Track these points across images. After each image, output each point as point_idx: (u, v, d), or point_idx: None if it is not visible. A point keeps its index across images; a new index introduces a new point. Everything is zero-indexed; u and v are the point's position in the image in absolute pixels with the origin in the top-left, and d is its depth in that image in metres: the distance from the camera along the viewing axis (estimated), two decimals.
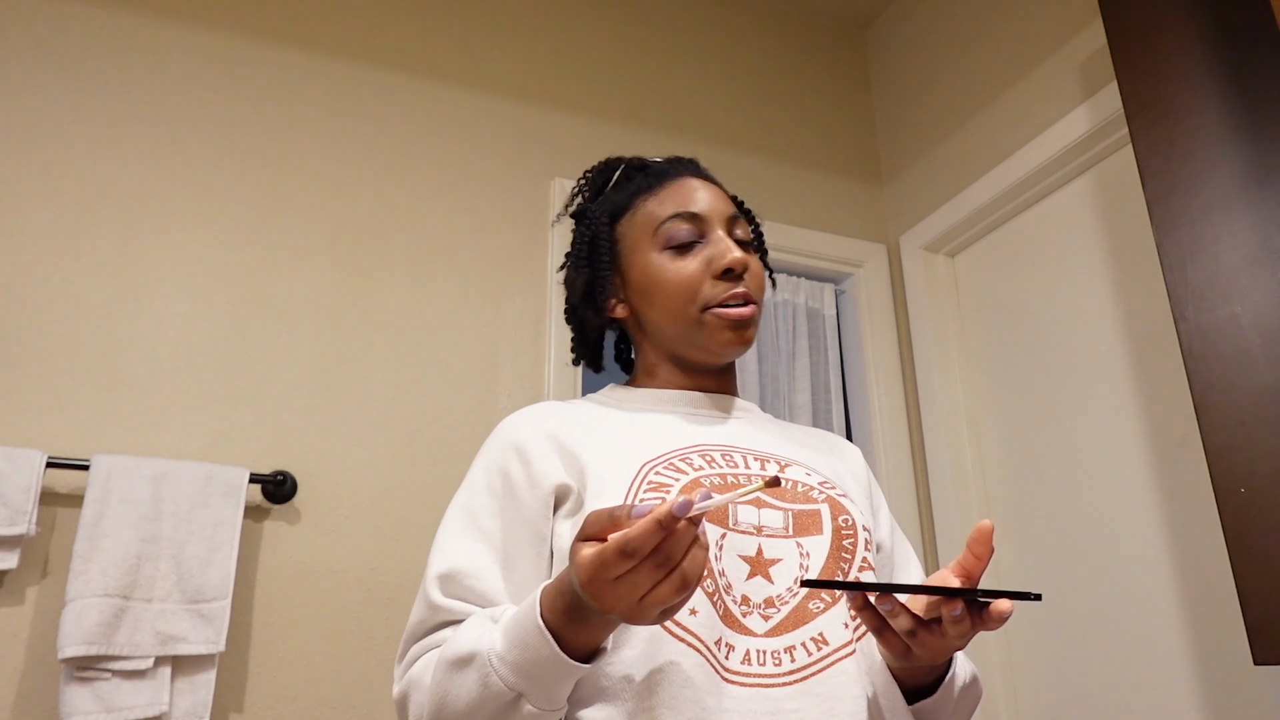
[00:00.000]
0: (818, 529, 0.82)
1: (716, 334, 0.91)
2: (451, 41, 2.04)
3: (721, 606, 0.76)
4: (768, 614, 0.77)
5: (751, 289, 0.92)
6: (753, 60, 2.40)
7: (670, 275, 0.92)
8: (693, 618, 0.74)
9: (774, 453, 0.91)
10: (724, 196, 0.97)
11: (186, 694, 1.38)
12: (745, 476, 0.84)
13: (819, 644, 0.76)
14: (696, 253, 0.92)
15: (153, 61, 1.75)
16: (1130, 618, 1.64)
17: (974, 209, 2.06)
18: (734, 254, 0.90)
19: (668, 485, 0.80)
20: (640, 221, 0.95)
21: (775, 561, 0.79)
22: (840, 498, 0.87)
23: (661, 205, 0.94)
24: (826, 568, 0.80)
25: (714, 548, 0.77)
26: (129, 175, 1.67)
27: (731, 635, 0.75)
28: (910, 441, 2.16)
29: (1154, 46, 1.44)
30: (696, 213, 0.93)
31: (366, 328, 1.75)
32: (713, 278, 0.91)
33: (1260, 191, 1.26)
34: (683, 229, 0.92)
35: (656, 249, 0.93)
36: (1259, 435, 1.20)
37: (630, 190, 0.98)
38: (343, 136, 1.86)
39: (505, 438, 0.89)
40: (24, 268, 1.55)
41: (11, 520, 1.35)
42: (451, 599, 0.79)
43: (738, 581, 0.77)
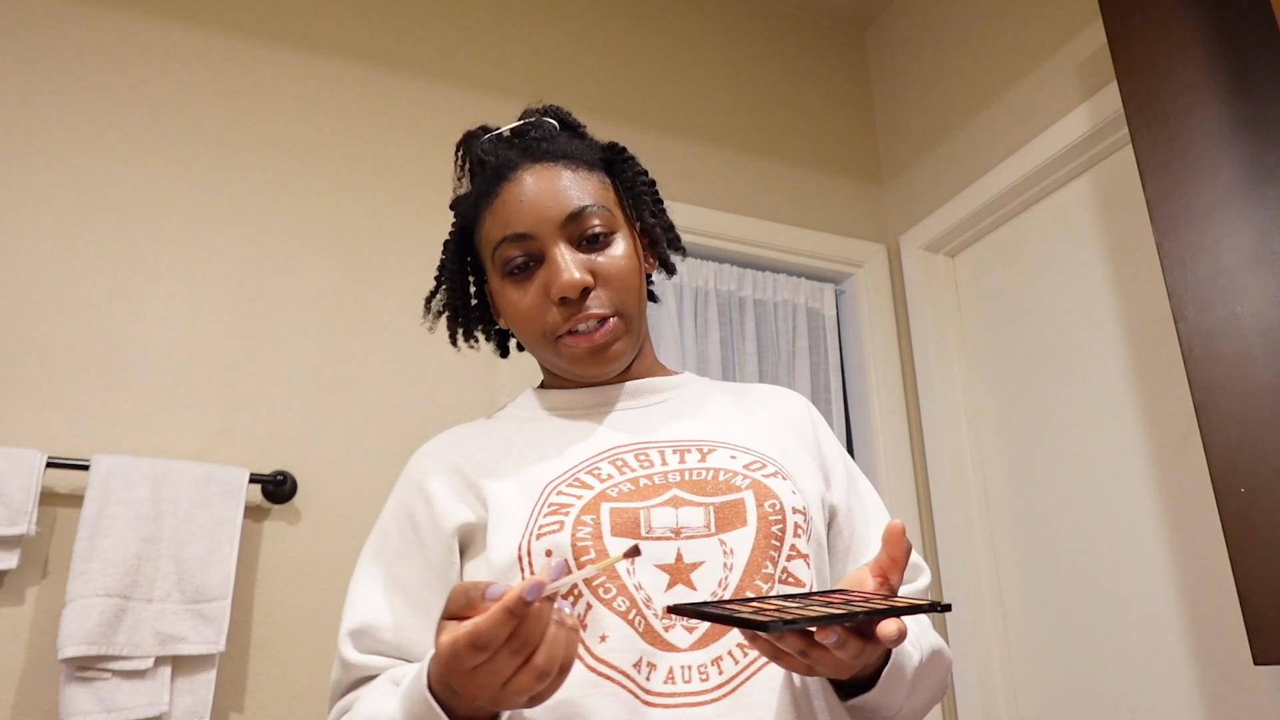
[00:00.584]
0: (742, 520, 0.76)
1: (575, 362, 0.84)
2: (452, 41, 2.04)
3: (642, 624, 0.71)
4: (692, 624, 0.72)
5: (607, 299, 0.83)
6: (753, 60, 2.40)
7: (513, 309, 0.84)
8: (603, 644, 0.70)
9: (696, 438, 0.84)
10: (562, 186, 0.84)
11: (186, 694, 1.38)
12: (660, 475, 0.79)
13: (745, 650, 0.72)
14: (535, 276, 0.83)
15: (152, 61, 1.75)
16: (1130, 617, 1.64)
17: (974, 209, 2.06)
18: (565, 276, 0.80)
19: (569, 505, 0.76)
20: (484, 240, 0.86)
21: (697, 565, 0.74)
22: (768, 478, 0.80)
23: (495, 221, 0.84)
24: (752, 562, 0.75)
25: (625, 561, 0.72)
26: (129, 175, 1.67)
27: (654, 653, 0.70)
28: (910, 441, 2.16)
29: (1154, 46, 1.44)
30: (523, 232, 0.82)
31: (366, 328, 1.75)
32: (554, 304, 0.82)
33: (1260, 191, 1.26)
34: (515, 255, 0.83)
35: (499, 275, 0.85)
36: (1259, 435, 1.20)
37: (475, 194, 0.88)
38: (343, 137, 1.86)
39: (409, 477, 0.86)
40: (24, 268, 1.55)
41: (11, 520, 1.35)
42: (365, 654, 0.77)
43: (657, 593, 0.72)
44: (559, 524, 0.74)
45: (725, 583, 0.73)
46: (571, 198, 0.83)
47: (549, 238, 0.82)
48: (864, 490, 0.92)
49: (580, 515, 0.74)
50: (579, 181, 0.85)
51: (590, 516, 0.74)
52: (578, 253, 0.83)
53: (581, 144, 0.90)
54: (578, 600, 0.72)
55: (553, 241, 0.82)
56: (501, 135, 0.91)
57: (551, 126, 0.91)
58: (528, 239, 0.82)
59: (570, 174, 0.85)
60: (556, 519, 0.74)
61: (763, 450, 0.84)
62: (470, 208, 0.89)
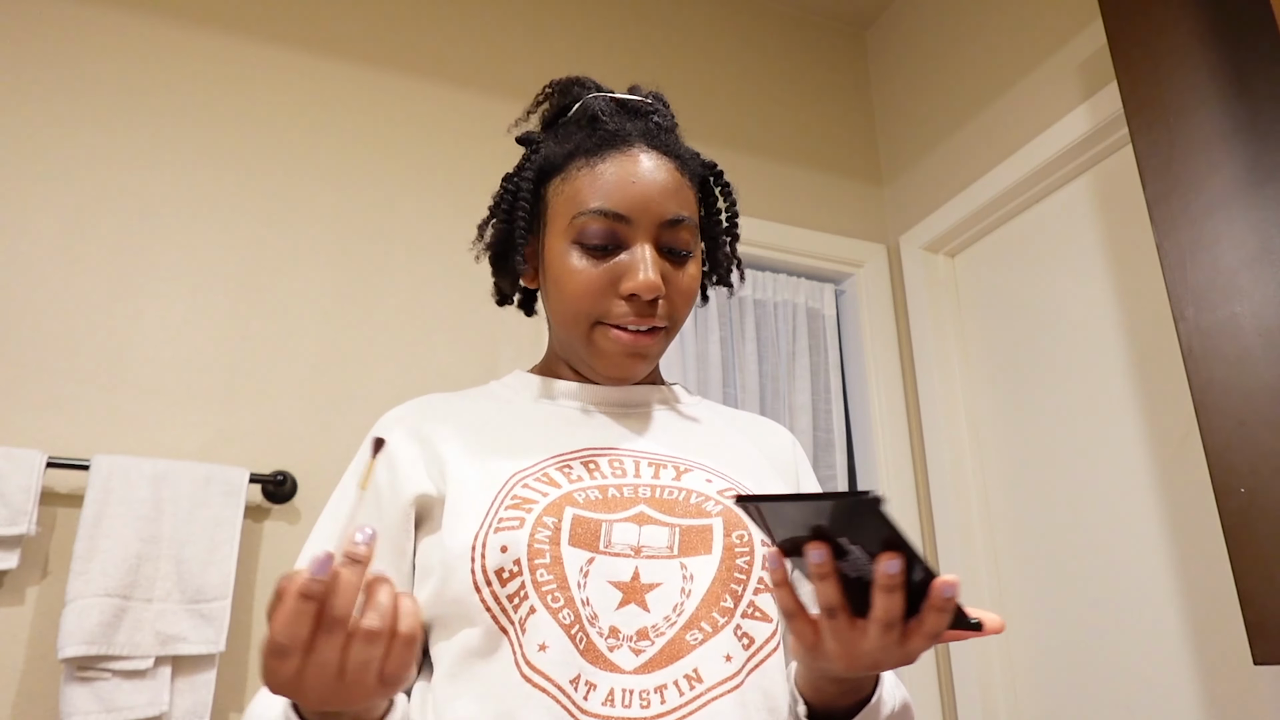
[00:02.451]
0: (706, 548, 0.72)
1: (603, 356, 0.80)
2: (452, 42, 2.04)
3: (583, 640, 0.67)
4: (640, 647, 0.68)
5: (666, 312, 0.80)
6: (753, 60, 2.40)
7: (570, 277, 0.79)
8: (542, 654, 0.66)
9: (675, 455, 0.81)
10: (672, 187, 0.80)
11: (187, 694, 1.38)
12: (630, 488, 0.75)
13: (692, 681, 0.67)
14: (610, 259, 0.78)
15: (153, 62, 1.75)
16: (1130, 617, 1.64)
17: (974, 209, 2.06)
18: (645, 277, 0.76)
19: (532, 502, 0.72)
20: (566, 196, 0.81)
21: (653, 587, 0.70)
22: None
23: (591, 186, 0.79)
24: (711, 593, 0.71)
25: (577, 574, 0.69)
26: (129, 176, 1.67)
27: (594, 672, 0.67)
28: (910, 441, 2.16)
29: (1154, 46, 1.44)
30: (622, 214, 0.78)
31: (366, 328, 1.75)
32: (620, 296, 0.78)
33: (1260, 191, 1.26)
34: (598, 229, 0.78)
35: (569, 238, 0.80)
36: (1259, 435, 1.20)
37: (571, 146, 0.82)
38: (343, 137, 1.86)
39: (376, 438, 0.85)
40: (24, 268, 1.55)
41: (11, 520, 1.35)
42: None
43: (606, 611, 0.68)
44: (519, 521, 0.71)
45: (681, 608, 0.70)
46: (677, 203, 0.80)
47: (643, 231, 0.78)
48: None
49: (542, 515, 0.71)
50: (683, 190, 0.81)
51: (552, 519, 0.71)
52: (660, 258, 0.80)
53: (689, 150, 0.86)
54: (522, 603, 0.68)
55: (645, 236, 0.78)
56: (625, 101, 0.85)
57: (672, 117, 0.87)
58: (623, 221, 0.78)
59: (680, 178, 0.81)
60: (517, 515, 0.71)
61: (739, 479, 0.82)
62: (562, 155, 0.82)
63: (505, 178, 0.87)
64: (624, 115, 0.83)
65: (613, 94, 0.86)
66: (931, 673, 1.97)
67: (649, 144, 0.81)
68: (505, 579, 0.69)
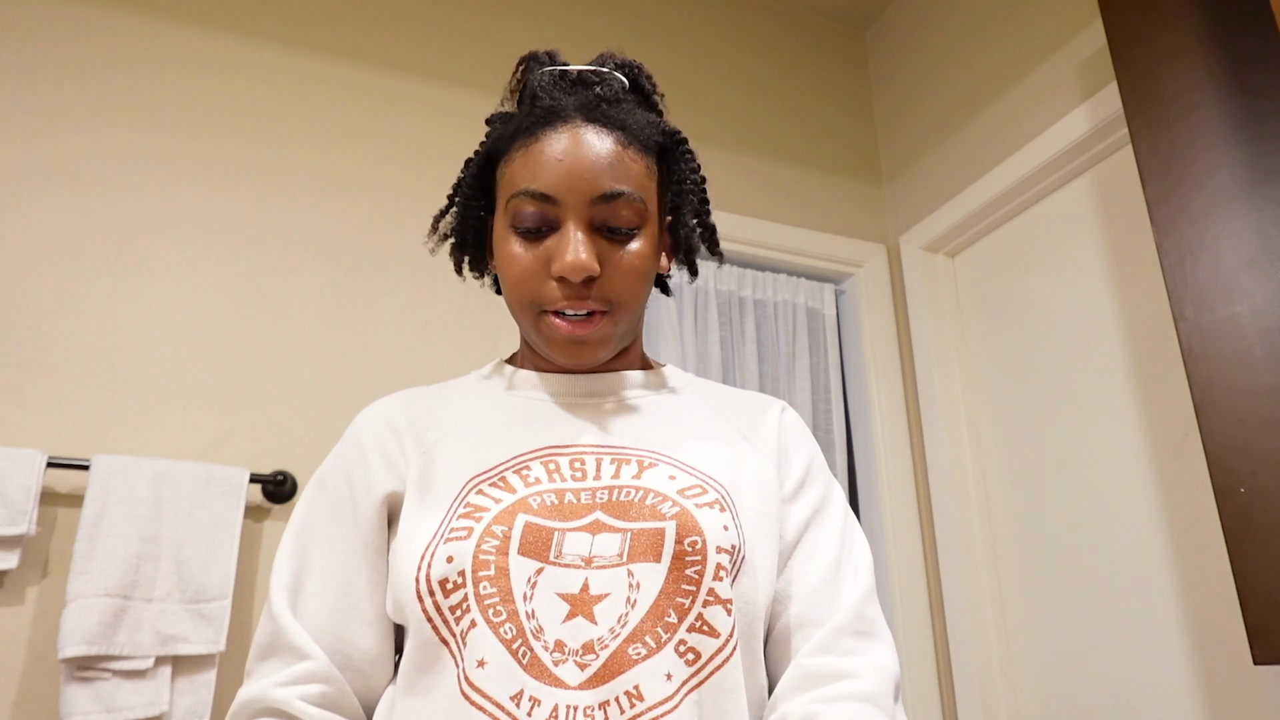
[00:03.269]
0: (655, 555, 0.68)
1: (550, 344, 0.78)
2: (452, 41, 2.04)
3: (526, 654, 0.64)
4: (585, 661, 0.65)
5: (606, 295, 0.76)
6: (753, 60, 2.40)
7: (508, 263, 0.77)
8: (481, 670, 0.64)
9: (642, 447, 0.78)
10: (606, 160, 0.75)
11: (187, 694, 1.38)
12: (589, 492, 0.72)
13: (633, 699, 0.64)
14: (543, 241, 0.76)
15: (153, 61, 1.75)
16: (1130, 617, 1.64)
17: (974, 209, 2.06)
18: (571, 258, 0.73)
19: (483, 510, 0.70)
20: (505, 179, 0.78)
21: (601, 598, 0.66)
22: (701, 508, 0.72)
23: (524, 166, 0.76)
24: (656, 606, 0.66)
25: (524, 585, 0.66)
26: (129, 175, 1.67)
27: (538, 688, 0.63)
28: (910, 441, 2.16)
29: (1154, 46, 1.44)
30: (547, 194, 0.74)
31: (366, 328, 1.76)
32: (552, 278, 0.75)
33: (1260, 191, 1.26)
34: (529, 211, 0.75)
35: (506, 223, 0.78)
36: (1259, 435, 1.20)
37: (514, 126, 0.79)
38: (343, 137, 1.86)
39: (353, 434, 0.82)
40: (24, 268, 1.55)
41: (11, 520, 1.35)
42: (298, 619, 0.74)
43: (552, 624, 0.65)
44: (466, 530, 0.69)
45: (625, 620, 0.66)
46: (610, 178, 0.75)
47: (571, 210, 0.74)
48: (822, 523, 0.80)
49: (491, 524, 0.69)
50: (624, 162, 0.76)
51: (501, 528, 0.69)
52: (595, 236, 0.76)
53: (643, 119, 0.80)
54: (464, 615, 0.66)
55: (574, 215, 0.74)
56: (565, 74, 0.81)
57: (619, 86, 0.81)
58: (549, 202, 0.74)
59: (619, 150, 0.76)
60: (466, 525, 0.69)
61: (708, 472, 0.77)
62: (504, 137, 0.80)
63: (465, 162, 0.85)
64: (563, 89, 0.79)
65: (563, 66, 0.82)
66: (931, 673, 1.97)
67: (586, 117, 0.77)
68: (449, 590, 0.67)
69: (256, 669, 0.73)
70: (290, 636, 0.72)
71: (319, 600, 0.75)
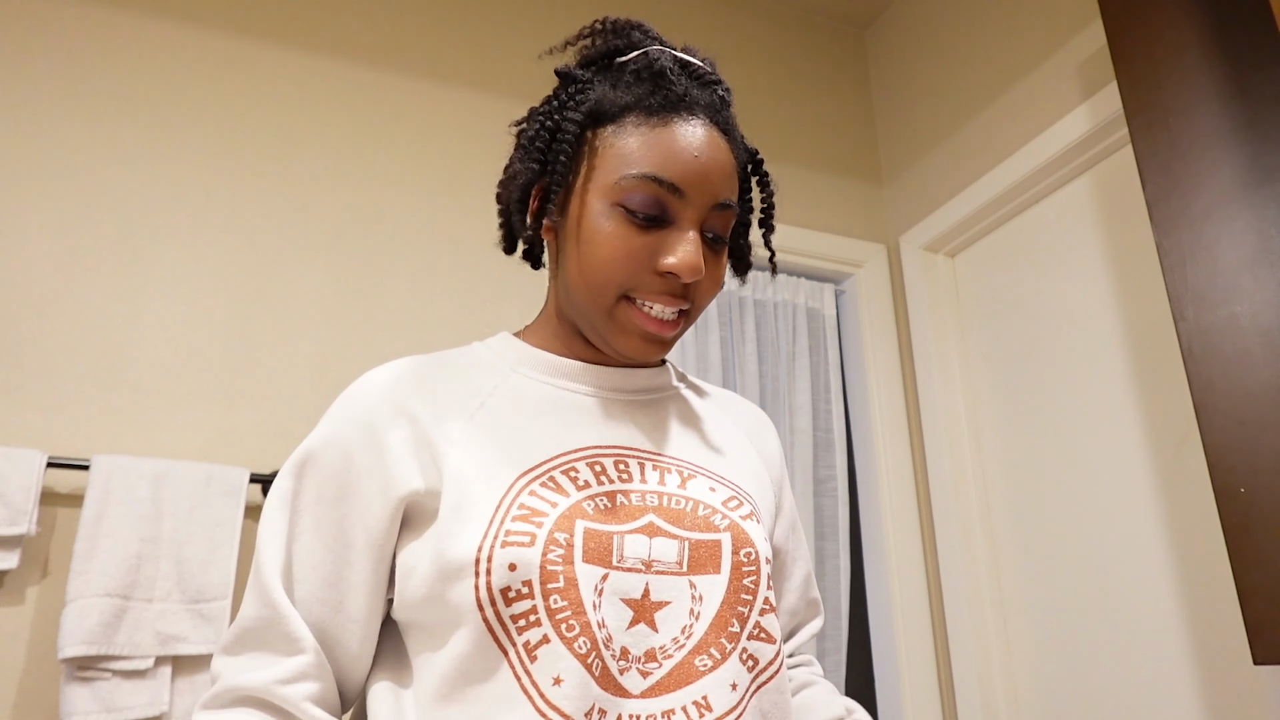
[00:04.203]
0: (715, 566, 0.69)
1: (623, 335, 0.74)
2: (451, 41, 2.04)
3: (599, 666, 0.63)
4: (647, 669, 0.65)
5: (695, 297, 0.75)
6: (753, 60, 2.40)
7: (605, 240, 0.72)
8: (557, 688, 0.62)
9: (679, 457, 0.77)
10: (729, 169, 0.74)
11: (187, 694, 1.38)
12: (639, 495, 0.71)
13: (701, 709, 0.64)
14: (652, 230, 0.72)
15: (153, 61, 1.75)
16: (1130, 617, 1.64)
17: (974, 209, 2.06)
18: (687, 259, 0.71)
19: (542, 515, 0.67)
20: (616, 151, 0.73)
21: (662, 605, 0.67)
22: (744, 520, 0.73)
23: (648, 147, 0.72)
24: (720, 616, 0.68)
25: (592, 594, 0.64)
26: (129, 175, 1.67)
27: (606, 699, 0.63)
28: (910, 441, 2.16)
29: (1154, 46, 1.44)
30: (678, 186, 0.71)
31: (366, 328, 1.76)
32: (652, 271, 0.72)
33: (1260, 191, 1.26)
34: (648, 197, 0.71)
35: (611, 199, 0.72)
36: (1259, 435, 1.20)
37: (630, 98, 0.74)
38: (343, 137, 1.86)
39: (359, 411, 0.73)
40: (24, 268, 1.55)
41: (12, 520, 1.35)
42: (292, 602, 0.70)
43: (619, 632, 0.65)
44: (529, 537, 0.65)
45: (690, 631, 0.66)
46: (729, 188, 0.74)
47: (695, 210, 0.72)
48: (798, 533, 0.91)
49: (553, 531, 0.66)
50: (735, 176, 0.76)
51: (564, 535, 0.66)
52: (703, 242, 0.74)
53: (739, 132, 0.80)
54: (530, 628, 0.64)
55: (696, 215, 0.72)
56: (687, 64, 0.77)
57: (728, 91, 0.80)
58: (677, 194, 0.71)
59: (734, 162, 0.75)
60: (527, 530, 0.66)
61: (740, 484, 0.79)
62: (618, 104, 0.74)
63: (540, 113, 0.79)
64: (690, 79, 0.76)
65: (680, 53, 0.78)
66: (931, 672, 1.97)
67: (712, 118, 0.75)
68: (511, 599, 0.64)
69: (242, 654, 0.69)
70: (289, 626, 0.68)
71: (305, 587, 0.70)
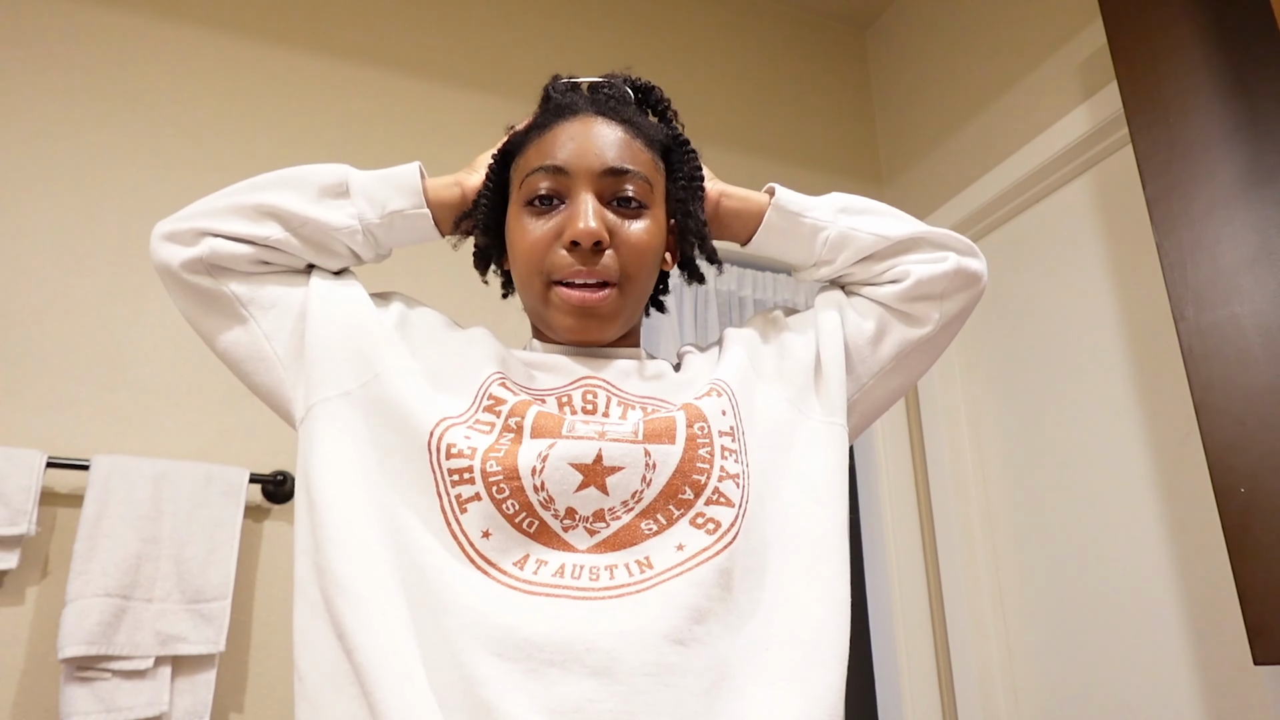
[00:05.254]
0: (670, 438, 0.72)
1: (560, 315, 0.79)
2: (450, 42, 2.04)
3: (535, 525, 0.68)
4: (595, 528, 0.69)
5: (616, 265, 0.78)
6: (753, 60, 2.40)
7: (520, 237, 0.80)
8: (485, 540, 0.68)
9: (650, 396, 0.81)
10: (614, 141, 0.80)
11: (186, 694, 1.38)
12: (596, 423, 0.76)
13: (642, 567, 0.68)
14: (554, 213, 0.79)
15: (153, 62, 1.75)
16: (1130, 618, 1.64)
17: (974, 209, 2.06)
18: (583, 224, 0.76)
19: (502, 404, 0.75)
20: (519, 169, 0.83)
21: (615, 470, 0.70)
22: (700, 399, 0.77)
23: (537, 150, 0.81)
24: (672, 484, 0.70)
25: (535, 459, 0.69)
26: (129, 175, 1.67)
27: (546, 552, 0.68)
28: (910, 441, 2.16)
29: (1154, 46, 1.44)
30: (559, 165, 0.79)
31: None
32: (563, 247, 0.78)
33: (1260, 192, 1.26)
34: (541, 185, 0.79)
35: (520, 203, 0.81)
36: (1259, 435, 1.20)
37: (531, 125, 0.85)
38: (343, 137, 1.86)
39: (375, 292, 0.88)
40: (24, 268, 1.55)
41: (11, 520, 1.35)
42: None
43: (564, 494, 0.69)
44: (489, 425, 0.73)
45: (640, 496, 0.70)
46: (616, 155, 0.80)
47: (582, 181, 0.79)
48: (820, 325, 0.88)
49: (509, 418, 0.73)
50: (631, 148, 0.81)
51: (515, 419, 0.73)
52: (605, 210, 0.79)
53: (649, 120, 0.87)
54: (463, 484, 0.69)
55: (585, 186, 0.79)
56: (576, 83, 0.89)
57: (625, 91, 0.88)
58: (561, 174, 0.79)
59: (625, 137, 0.82)
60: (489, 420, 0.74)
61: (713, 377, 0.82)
62: (520, 136, 0.85)
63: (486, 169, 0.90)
64: (575, 92, 0.87)
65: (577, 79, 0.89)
66: (931, 672, 1.97)
67: (596, 111, 0.83)
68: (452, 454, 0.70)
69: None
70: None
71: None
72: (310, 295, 0.81)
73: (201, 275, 0.80)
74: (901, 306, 0.87)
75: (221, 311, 0.81)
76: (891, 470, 2.11)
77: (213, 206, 0.81)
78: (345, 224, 0.81)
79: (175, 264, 0.80)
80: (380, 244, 0.86)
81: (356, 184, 0.82)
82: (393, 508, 0.70)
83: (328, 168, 0.83)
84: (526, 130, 0.85)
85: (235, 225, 0.80)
